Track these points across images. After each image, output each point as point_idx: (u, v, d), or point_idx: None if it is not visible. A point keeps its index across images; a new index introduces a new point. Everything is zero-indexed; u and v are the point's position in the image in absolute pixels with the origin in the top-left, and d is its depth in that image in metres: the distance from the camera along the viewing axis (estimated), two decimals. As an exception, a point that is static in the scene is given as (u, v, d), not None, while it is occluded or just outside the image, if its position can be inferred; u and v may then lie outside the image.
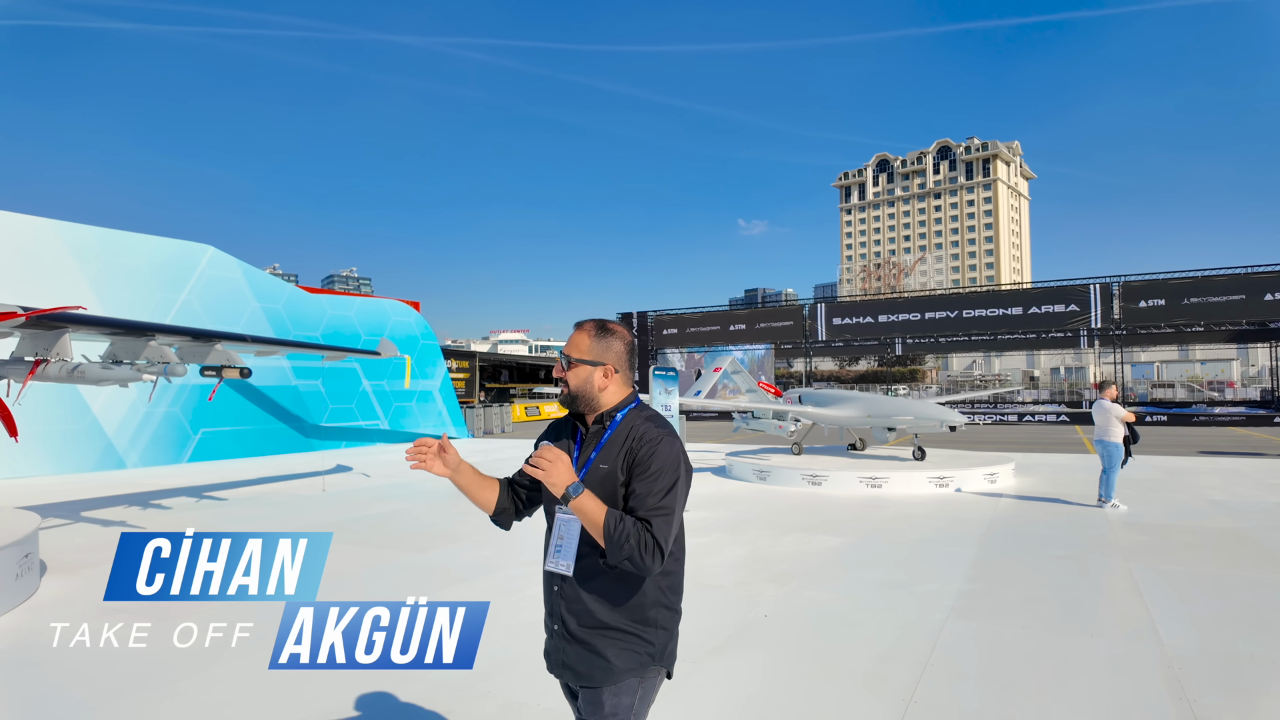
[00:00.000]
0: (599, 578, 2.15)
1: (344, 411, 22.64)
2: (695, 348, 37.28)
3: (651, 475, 2.11)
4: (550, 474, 2.06)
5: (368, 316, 23.83)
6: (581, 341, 2.27)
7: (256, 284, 20.74)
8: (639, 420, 2.24)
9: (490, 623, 2.65)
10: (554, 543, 2.25)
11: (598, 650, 2.14)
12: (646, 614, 2.17)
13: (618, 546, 2.00)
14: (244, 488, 13.21)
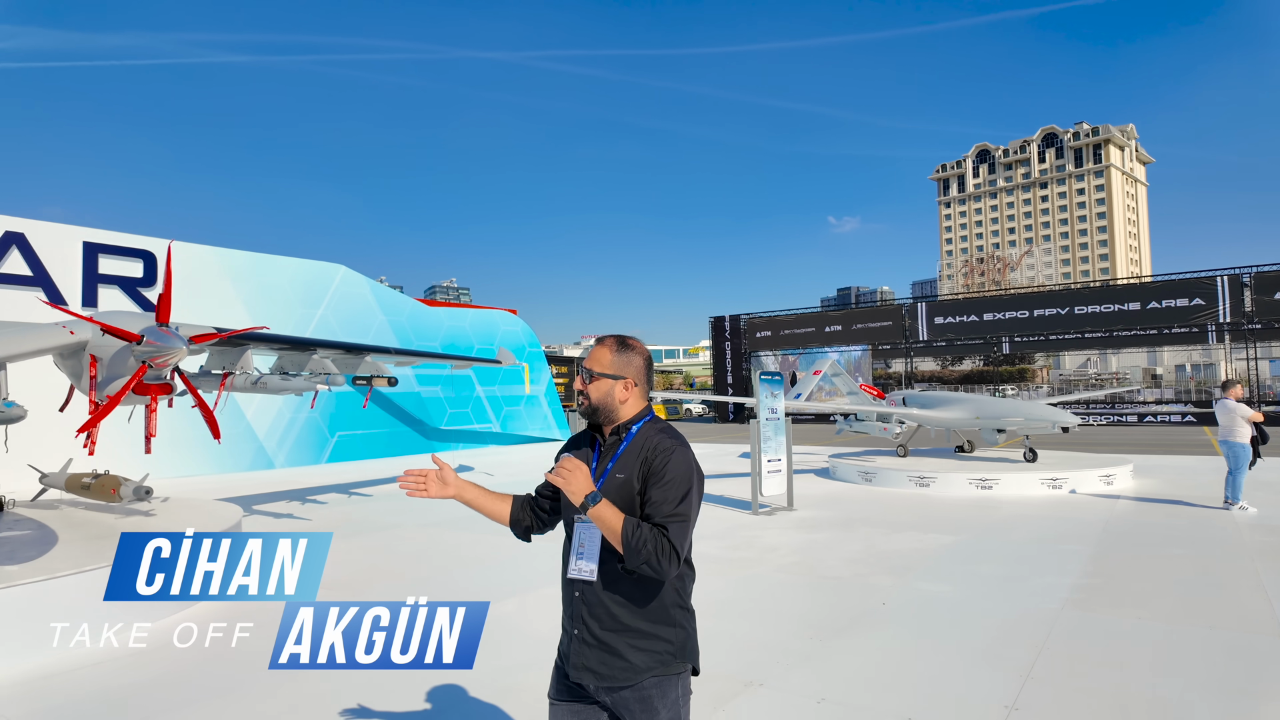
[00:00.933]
0: (619, 582, 2.25)
1: (461, 416, 24.17)
2: (789, 350, 37.28)
3: (666, 483, 2.20)
4: (570, 483, 2.17)
5: (479, 327, 25.33)
6: (603, 356, 2.38)
7: (382, 299, 22.51)
8: (654, 432, 2.34)
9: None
10: (575, 550, 2.35)
11: (618, 652, 2.23)
12: (667, 613, 2.26)
13: (635, 552, 2.10)
14: (383, 485, 14.55)
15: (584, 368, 2.40)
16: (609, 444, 2.39)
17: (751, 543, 8.58)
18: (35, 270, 15.27)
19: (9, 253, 15.00)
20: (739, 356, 38.40)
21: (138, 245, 17.07)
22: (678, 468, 2.22)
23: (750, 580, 7.04)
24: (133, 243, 17.01)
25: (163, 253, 17.44)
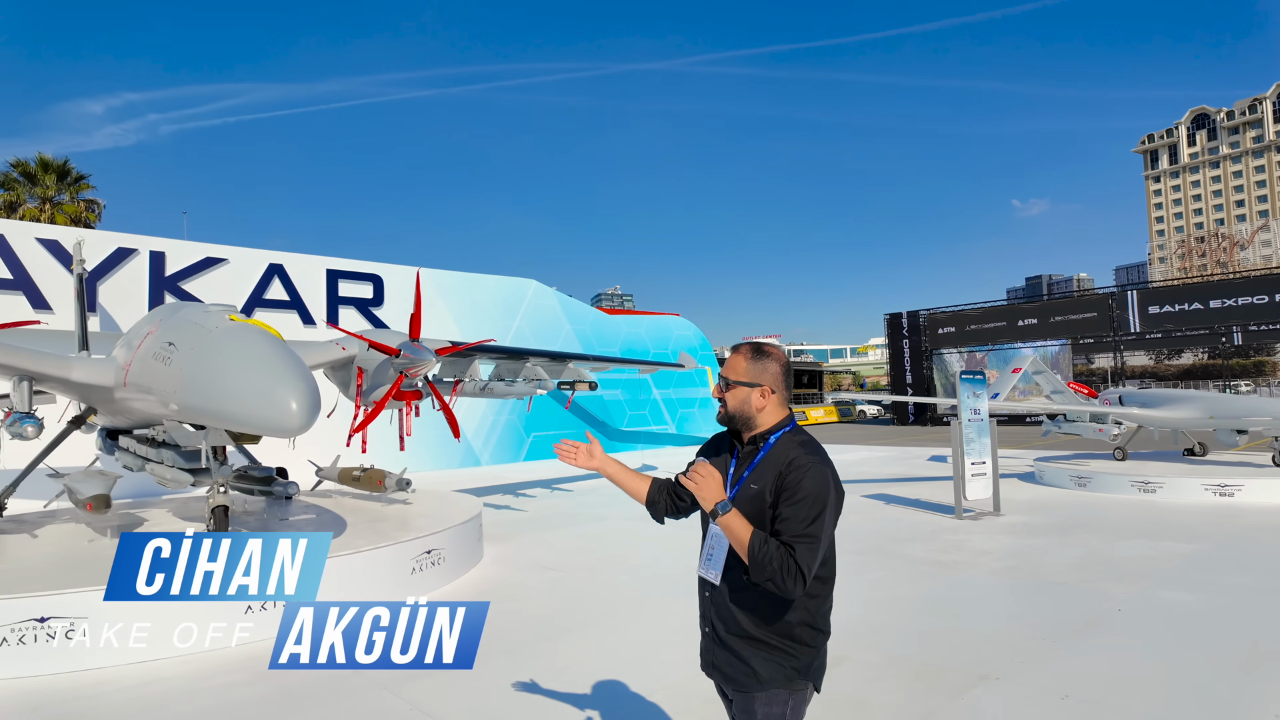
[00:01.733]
0: (745, 591, 2.23)
1: (639, 418, 25.22)
2: (976, 346, 35.02)
3: (799, 501, 2.14)
4: (702, 489, 2.19)
5: (655, 332, 26.29)
6: (738, 364, 2.36)
7: (568, 309, 24.06)
8: (792, 444, 2.28)
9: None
10: (706, 551, 2.38)
11: (743, 658, 2.24)
12: (792, 630, 2.22)
13: (760, 567, 2.08)
14: (581, 481, 15.64)
15: (721, 376, 2.41)
16: (746, 452, 2.38)
17: (959, 546, 8.43)
18: (291, 295, 18.00)
19: (272, 282, 17.81)
20: (919, 355, 36.64)
21: (368, 270, 19.55)
22: (813, 485, 2.16)
23: (965, 582, 6.99)
24: (364, 268, 19.51)
25: (387, 276, 19.85)
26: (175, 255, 16.36)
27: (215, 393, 5.86)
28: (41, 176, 31.61)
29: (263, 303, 17.40)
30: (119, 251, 15.58)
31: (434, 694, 4.55)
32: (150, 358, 6.64)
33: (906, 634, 5.45)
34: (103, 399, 7.81)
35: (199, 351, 6.13)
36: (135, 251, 15.85)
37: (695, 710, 4.06)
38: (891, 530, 9.39)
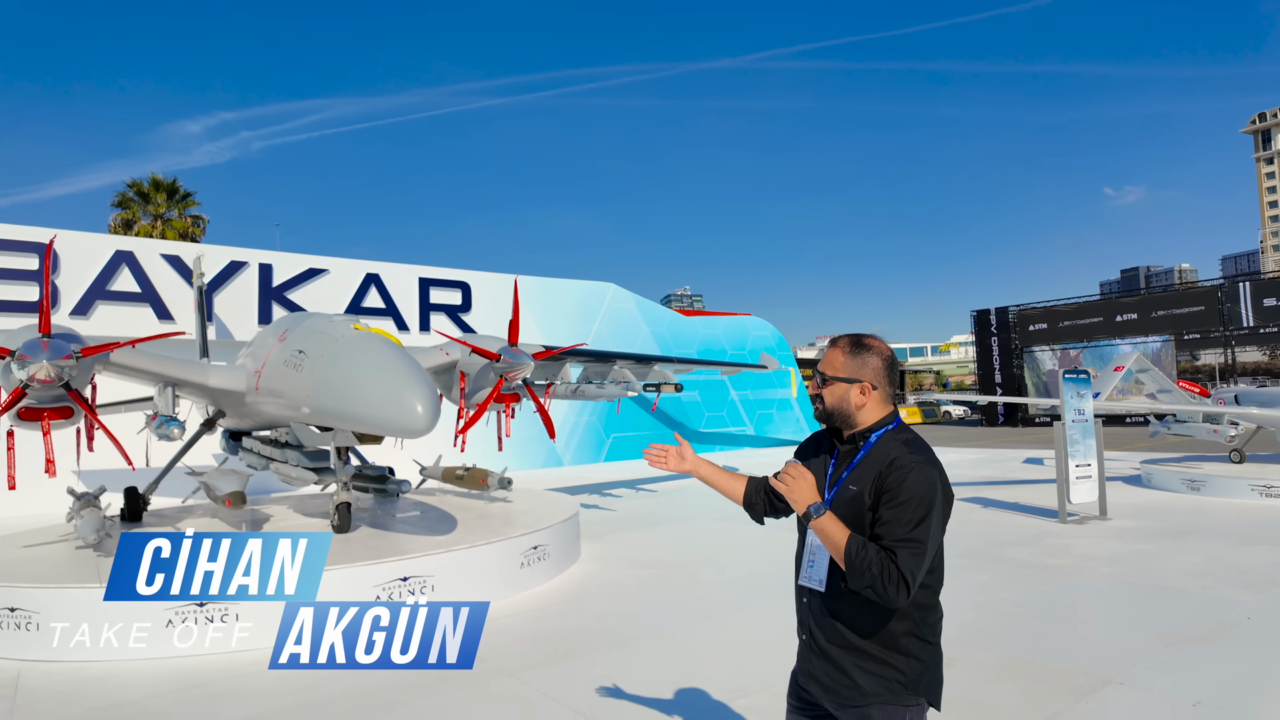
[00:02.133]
0: (846, 598, 2.13)
1: (717, 419, 25.25)
2: (1070, 344, 33.48)
3: (901, 504, 2.03)
4: (793, 491, 2.10)
5: (731, 333, 26.27)
6: (836, 358, 2.24)
7: (645, 312, 24.33)
8: (895, 443, 2.17)
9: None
10: (806, 557, 2.27)
11: (844, 669, 2.14)
12: (897, 641, 2.11)
13: (859, 573, 1.98)
14: (664, 482, 15.83)
15: (818, 371, 2.29)
16: (845, 452, 2.26)
17: (1065, 550, 8.19)
18: (387, 303, 18.88)
19: (369, 291, 18.73)
20: (1008, 353, 35.26)
21: (457, 278, 20.31)
22: (916, 487, 2.05)
23: (1076, 586, 6.81)
24: (453, 275, 20.28)
25: (474, 282, 20.57)
26: (281, 267, 17.43)
27: (346, 397, 6.30)
28: (153, 195, 33.98)
29: (360, 310, 18.29)
30: (231, 264, 16.72)
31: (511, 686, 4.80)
32: (282, 365, 7.18)
33: (1019, 636, 5.38)
34: (234, 403, 8.46)
35: (329, 359, 6.60)
36: (246, 264, 16.97)
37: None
38: (991, 534, 9.18)
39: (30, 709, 4.67)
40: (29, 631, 5.59)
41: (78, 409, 6.91)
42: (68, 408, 6.92)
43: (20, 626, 5.61)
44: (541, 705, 4.49)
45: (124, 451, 7.19)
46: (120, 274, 15.52)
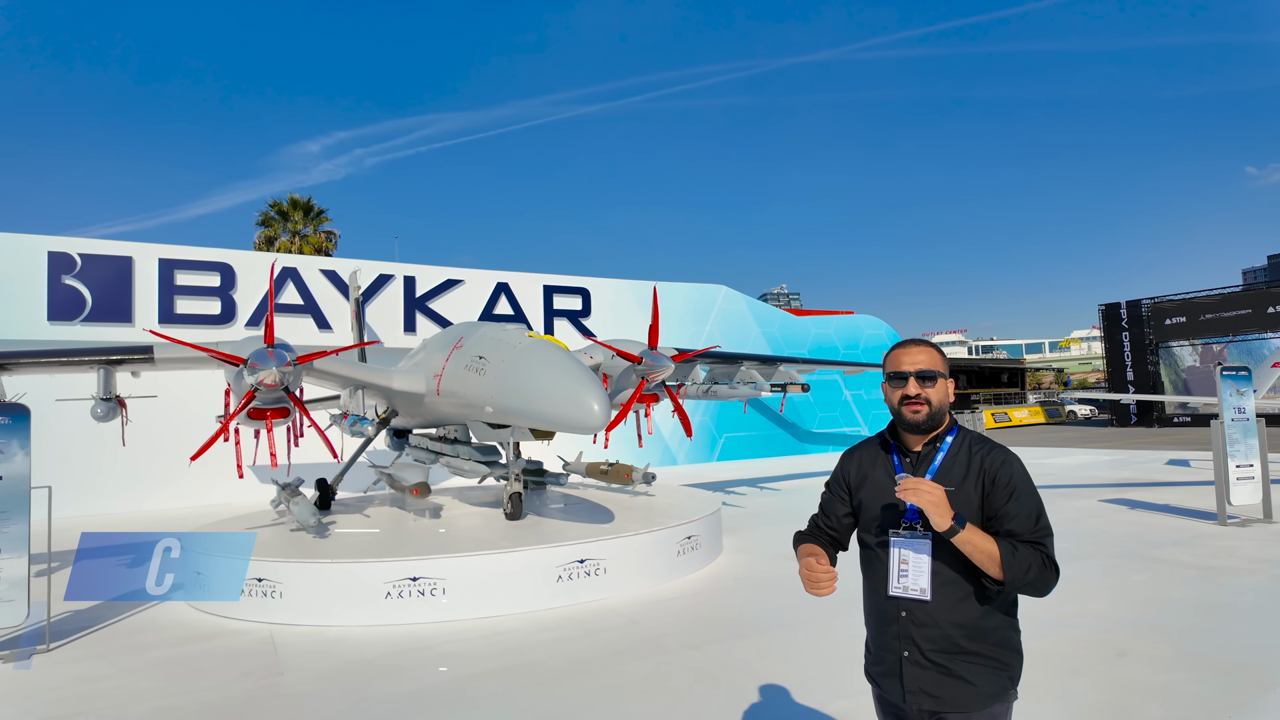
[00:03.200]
0: (955, 602, 2.11)
1: (829, 419, 25.14)
2: (1212, 338, 31.16)
3: (1020, 496, 2.07)
4: (937, 504, 2.00)
5: (844, 332, 26.08)
6: (935, 356, 2.22)
7: (756, 312, 24.55)
8: (975, 440, 2.19)
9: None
10: (896, 568, 2.18)
11: (960, 675, 2.09)
12: (1003, 636, 2.13)
13: (1020, 574, 1.98)
14: (786, 480, 16.07)
15: (919, 370, 2.18)
16: (923, 454, 2.23)
17: (1229, 553, 7.95)
18: (515, 310, 20.00)
19: (499, 298, 19.90)
20: (1141, 348, 33.16)
21: (577, 284, 21.23)
22: (1025, 478, 2.12)
23: (1246, 587, 6.67)
24: (574, 282, 21.21)
25: (593, 288, 21.45)
26: (423, 279, 18.83)
27: (528, 397, 6.99)
28: (291, 213, 36.94)
29: (493, 317, 19.50)
30: (380, 277, 18.22)
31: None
32: (463, 369, 7.98)
33: (1192, 632, 5.41)
34: (413, 403, 9.40)
35: (509, 363, 7.33)
36: (392, 277, 18.45)
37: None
38: (1145, 535, 8.98)
39: (294, 660, 5.55)
40: (274, 599, 6.58)
41: (293, 409, 7.96)
42: (285, 408, 7.98)
43: (267, 594, 6.61)
44: (725, 675, 4.96)
45: (330, 445, 8.19)
46: (286, 289, 17.24)
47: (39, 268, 15.01)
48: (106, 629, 6.57)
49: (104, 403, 8.02)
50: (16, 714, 4.71)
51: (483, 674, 5.17)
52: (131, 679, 5.26)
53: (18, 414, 6.04)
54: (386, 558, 6.58)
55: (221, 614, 6.76)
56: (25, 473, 6.01)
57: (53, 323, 15.04)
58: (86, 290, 15.35)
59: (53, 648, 6.02)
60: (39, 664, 5.68)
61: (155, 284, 15.96)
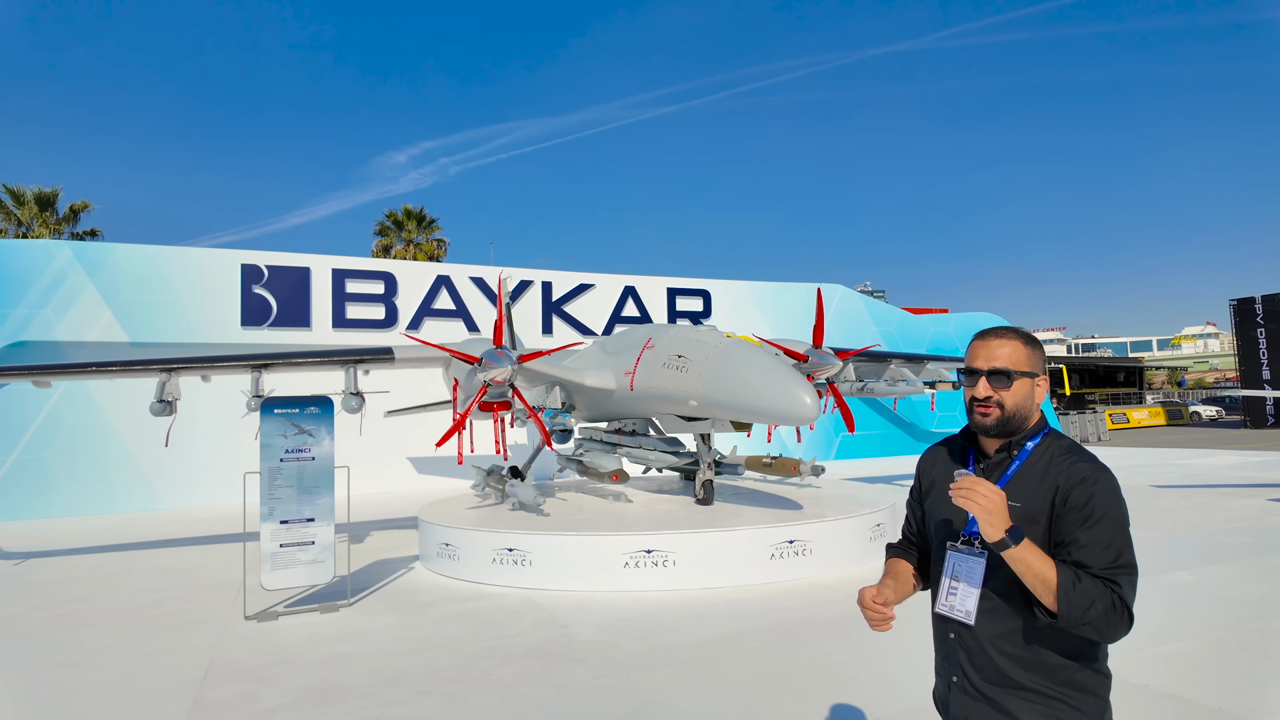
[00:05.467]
0: (1008, 631, 1.86)
1: (948, 418, 24.90)
2: (1365, 334, 29.10)
3: (1100, 522, 1.76)
4: (990, 512, 1.74)
5: (964, 330, 25.79)
6: (1018, 352, 1.91)
7: (873, 311, 24.66)
8: (1060, 450, 1.90)
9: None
10: (946, 584, 1.98)
11: (1010, 711, 1.85)
12: (1071, 676, 1.83)
13: (1079, 610, 1.68)
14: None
15: (992, 369, 1.92)
16: (995, 461, 1.97)
17: None
18: (641, 312, 20.89)
19: (626, 301, 20.84)
20: (1278, 345, 31.28)
21: (699, 286, 21.97)
22: (1108, 500, 1.78)
23: None
24: (695, 285, 21.96)
25: (714, 290, 22.13)
26: (558, 284, 19.96)
27: (738, 391, 7.68)
28: (406, 223, 39.18)
29: (621, 319, 20.46)
30: (521, 283, 19.43)
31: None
32: (660, 367, 8.76)
33: None
34: (600, 398, 10.27)
35: (714, 361, 8.04)
36: (531, 282, 19.65)
37: None
38: (1334, 531, 8.95)
39: (567, 616, 6.42)
40: (525, 567, 7.52)
41: (515, 402, 8.94)
42: (507, 402, 8.97)
43: (518, 563, 7.56)
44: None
45: (544, 431, 9.11)
46: (439, 295, 18.65)
47: (233, 279, 16.82)
48: (381, 590, 7.66)
49: (352, 397, 9.21)
50: (375, 649, 5.73)
51: (741, 633, 5.88)
52: (442, 626, 6.25)
53: (324, 405, 7.18)
54: (623, 532, 7.42)
55: (475, 580, 7.76)
56: (331, 454, 7.14)
57: (244, 328, 16.82)
58: (273, 298, 17.10)
59: (353, 602, 7.14)
60: (350, 614, 6.76)
61: (329, 291, 17.60)
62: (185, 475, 15.67)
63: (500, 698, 4.68)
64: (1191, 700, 4.32)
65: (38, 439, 14.87)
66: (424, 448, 16.57)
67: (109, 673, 5.37)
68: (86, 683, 5.17)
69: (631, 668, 5.12)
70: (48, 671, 5.43)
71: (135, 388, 15.61)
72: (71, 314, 15.40)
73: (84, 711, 4.67)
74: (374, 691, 4.83)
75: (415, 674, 5.13)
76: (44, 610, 7.22)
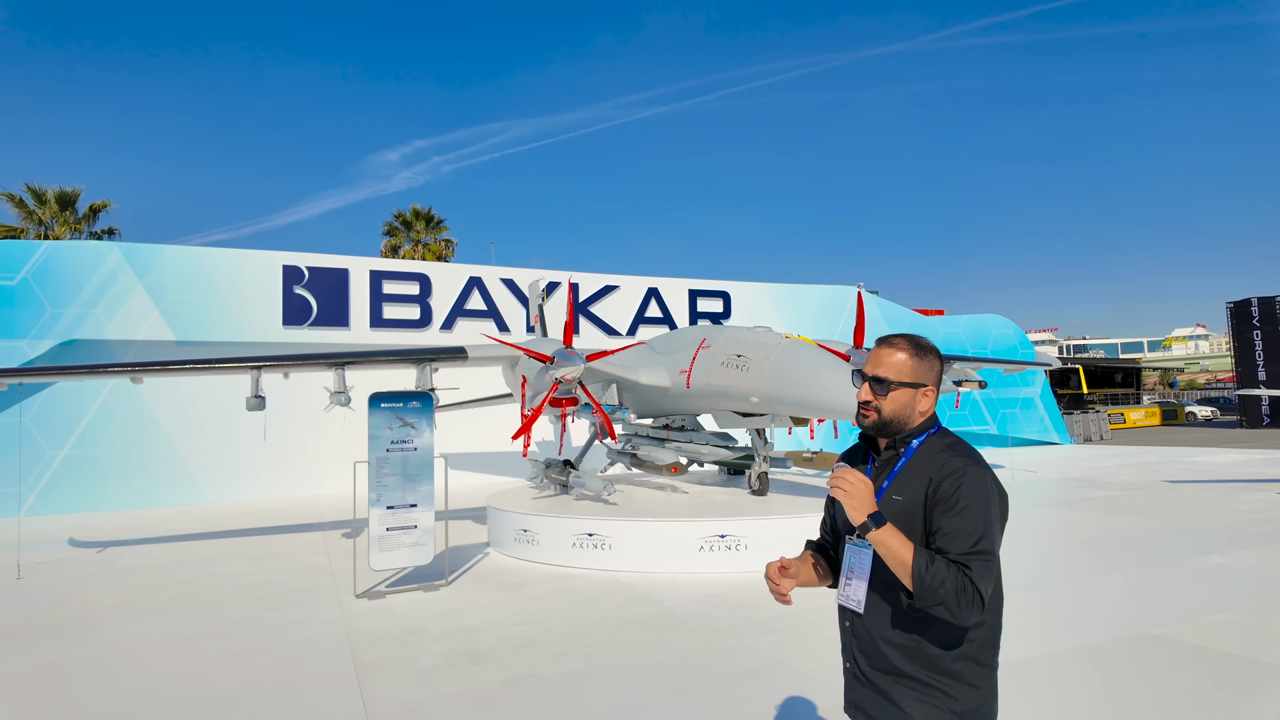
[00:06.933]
0: (894, 620, 1.96)
1: (959, 418, 25.58)
2: (1359, 336, 29.96)
3: (962, 511, 1.86)
4: (855, 499, 1.87)
5: (972, 331, 26.47)
6: (902, 362, 2.04)
7: (886, 312, 25.31)
8: (940, 447, 2.01)
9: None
10: (844, 575, 2.09)
11: (892, 699, 1.96)
12: (949, 666, 1.92)
13: (930, 591, 1.77)
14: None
15: (871, 376, 2.07)
16: (885, 458, 2.10)
17: None
18: (664, 312, 21.45)
19: (650, 302, 21.39)
20: (1275, 347, 32.12)
21: (719, 288, 22.55)
22: (973, 491, 1.88)
23: None
24: (716, 286, 22.53)
25: (734, 291, 22.70)
26: (585, 286, 20.51)
27: (800, 388, 8.25)
28: (414, 223, 39.59)
29: (645, 320, 21.02)
30: (550, 284, 19.95)
31: (1037, 598, 6.37)
32: (719, 366, 9.31)
33: None
34: (654, 396, 10.81)
35: (775, 360, 8.60)
36: (559, 283, 20.17)
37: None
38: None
39: (656, 594, 6.96)
40: (605, 550, 8.07)
41: (583, 397, 9.48)
42: (574, 398, 9.51)
43: (598, 547, 8.10)
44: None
45: (610, 426, 9.63)
46: (472, 296, 19.17)
47: (275, 280, 17.29)
48: (469, 572, 8.20)
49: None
50: (493, 620, 6.27)
51: (820, 608, 6.42)
52: (546, 602, 6.79)
53: (425, 400, 7.71)
54: (697, 518, 7.98)
55: (556, 563, 8.30)
56: (431, 445, 7.67)
57: (286, 327, 17.30)
58: (313, 298, 17.58)
59: (450, 581, 7.67)
60: (450, 592, 7.30)
61: (366, 292, 18.09)
62: (230, 471, 16.14)
63: (630, 657, 5.23)
64: (1248, 658, 4.91)
65: (87, 435, 15.31)
66: (451, 444, 17.12)
67: (257, 641, 5.89)
68: (240, 650, 5.69)
69: (739, 635, 5.68)
70: (198, 642, 5.95)
71: (181, 386, 16.12)
72: (121, 313, 15.85)
73: (257, 675, 5.18)
74: (512, 655, 5.37)
75: (542, 640, 5.67)
76: (157, 591, 7.72)
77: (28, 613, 6.96)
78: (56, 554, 10.12)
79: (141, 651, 5.74)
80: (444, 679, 4.95)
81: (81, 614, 6.87)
